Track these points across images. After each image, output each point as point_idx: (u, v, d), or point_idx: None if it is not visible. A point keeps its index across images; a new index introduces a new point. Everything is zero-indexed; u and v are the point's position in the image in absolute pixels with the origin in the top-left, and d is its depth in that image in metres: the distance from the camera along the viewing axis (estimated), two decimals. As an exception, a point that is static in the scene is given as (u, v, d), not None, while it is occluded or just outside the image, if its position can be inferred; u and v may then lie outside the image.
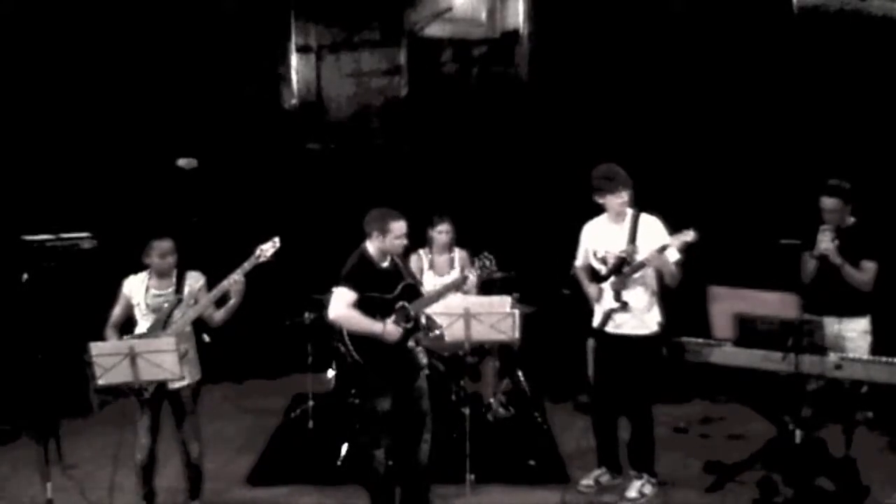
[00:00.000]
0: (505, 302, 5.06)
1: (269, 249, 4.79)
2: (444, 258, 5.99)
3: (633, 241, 4.91)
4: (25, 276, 5.01)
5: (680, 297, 4.92)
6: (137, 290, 4.76)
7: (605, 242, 5.04)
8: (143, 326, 4.73)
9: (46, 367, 5.16)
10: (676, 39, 7.06)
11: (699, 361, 4.92)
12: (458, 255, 6.02)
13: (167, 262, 4.72)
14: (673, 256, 4.79)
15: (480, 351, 5.88)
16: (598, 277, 5.09)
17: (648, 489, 5.10)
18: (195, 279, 4.82)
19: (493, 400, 6.17)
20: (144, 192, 7.17)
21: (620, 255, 4.92)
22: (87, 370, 4.39)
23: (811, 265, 5.02)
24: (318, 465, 5.63)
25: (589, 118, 7.16)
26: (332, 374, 6.02)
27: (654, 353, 4.99)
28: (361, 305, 4.51)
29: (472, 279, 4.95)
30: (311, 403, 6.23)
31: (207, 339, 5.06)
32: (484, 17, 7.69)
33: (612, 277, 4.96)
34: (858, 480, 4.92)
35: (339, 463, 5.57)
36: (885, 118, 6.58)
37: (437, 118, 7.69)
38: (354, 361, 4.57)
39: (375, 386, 4.63)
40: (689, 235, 4.74)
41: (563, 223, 5.45)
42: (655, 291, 4.99)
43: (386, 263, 4.68)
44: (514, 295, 5.39)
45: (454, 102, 7.71)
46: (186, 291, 4.75)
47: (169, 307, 4.71)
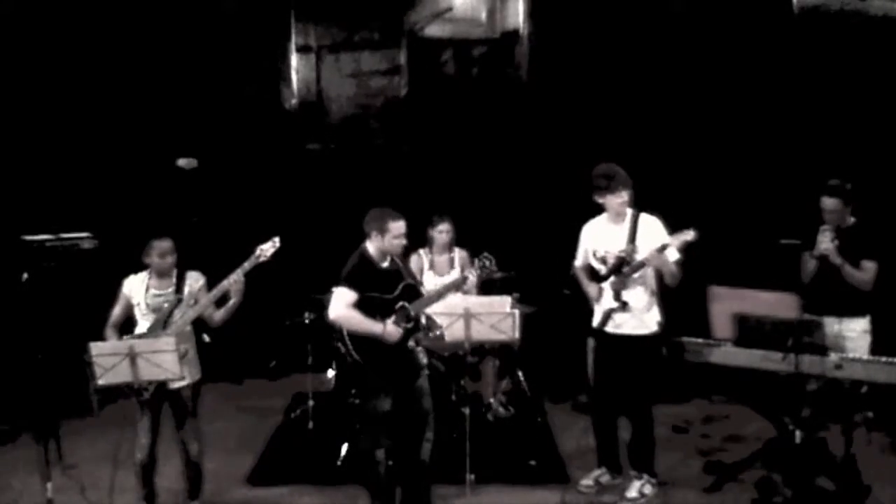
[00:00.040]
0: (505, 302, 5.06)
1: (268, 249, 4.79)
2: (444, 258, 6.00)
3: (632, 240, 4.90)
4: (25, 276, 5.01)
5: (680, 297, 4.92)
6: (137, 289, 4.76)
7: (604, 242, 5.03)
8: (143, 326, 4.73)
9: (46, 367, 5.16)
10: (676, 39, 7.06)
11: (699, 361, 4.91)
12: (458, 255, 6.02)
13: (167, 261, 4.72)
14: (673, 256, 4.79)
15: (480, 351, 5.89)
16: (597, 277, 5.09)
17: (648, 489, 5.10)
18: (195, 279, 4.82)
19: (493, 400, 6.17)
20: (144, 192, 7.18)
21: (620, 254, 4.92)
22: (87, 370, 4.38)
23: (811, 265, 5.02)
24: (318, 465, 5.63)
25: (589, 118, 7.16)
26: (332, 374, 6.03)
27: (653, 352, 4.99)
28: (362, 306, 4.51)
29: (472, 279, 4.95)
30: (311, 403, 6.23)
31: (207, 339, 5.06)
32: (484, 17, 7.69)
33: (611, 277, 4.96)
34: (858, 480, 4.92)
35: (339, 463, 5.57)
36: (885, 118, 6.58)
37: (437, 118, 7.69)
38: (355, 361, 4.57)
39: (376, 386, 4.63)
40: (689, 235, 4.74)
41: (563, 223, 5.44)
42: (655, 291, 4.99)
43: (386, 264, 4.68)
44: (514, 295, 5.40)
45: (454, 102, 7.70)
46: (186, 291, 4.75)
47: (169, 307, 4.71)
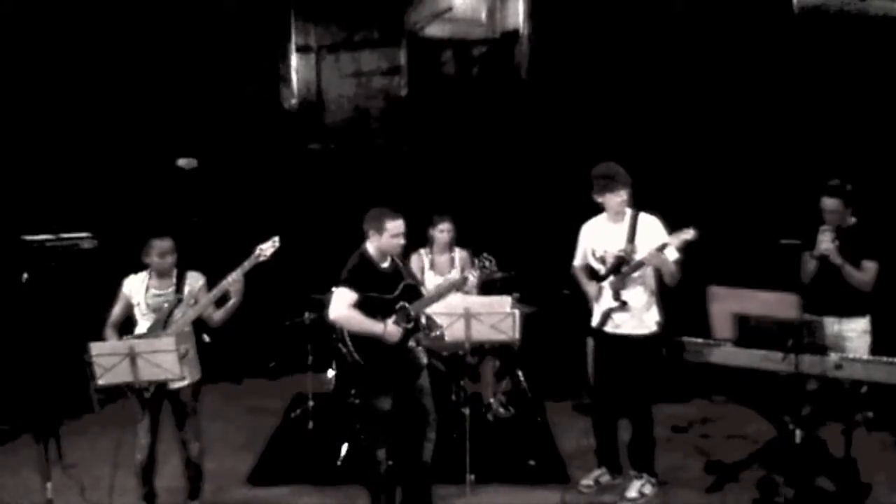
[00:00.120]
0: (505, 302, 5.06)
1: (268, 249, 4.78)
2: (444, 258, 5.99)
3: (631, 240, 4.90)
4: (25, 276, 5.01)
5: (680, 296, 4.92)
6: (137, 289, 4.76)
7: (603, 242, 5.03)
8: (143, 326, 4.73)
9: (46, 367, 5.16)
10: (676, 39, 7.06)
11: (699, 361, 4.90)
12: (458, 255, 6.01)
13: (167, 261, 4.72)
14: (672, 255, 4.79)
15: (480, 351, 5.89)
16: (596, 277, 5.09)
17: (648, 489, 5.10)
18: (195, 279, 4.82)
19: (493, 400, 6.17)
20: (144, 192, 7.18)
21: (619, 254, 4.92)
22: (87, 370, 4.39)
23: (811, 265, 5.02)
24: (318, 465, 5.63)
25: (589, 118, 7.16)
26: (332, 374, 6.02)
27: (653, 352, 4.99)
28: (362, 306, 4.51)
29: (472, 280, 4.94)
30: (311, 403, 6.24)
31: (207, 339, 5.06)
32: (484, 17, 7.69)
33: (610, 277, 4.96)
34: (858, 480, 4.92)
35: (339, 463, 5.57)
36: (885, 118, 6.58)
37: (437, 118, 7.69)
38: (355, 362, 4.57)
39: (376, 386, 4.63)
40: (688, 234, 4.74)
41: (563, 223, 5.44)
42: (654, 291, 4.99)
43: (386, 264, 4.68)
44: (514, 295, 5.40)
45: (454, 102, 7.70)
46: (186, 291, 4.75)
47: (169, 307, 4.71)
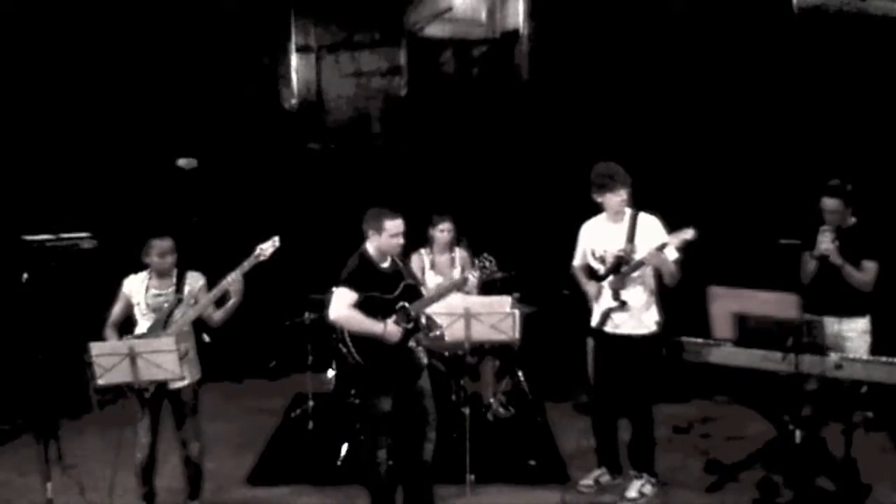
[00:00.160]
0: (505, 302, 5.06)
1: (268, 248, 4.78)
2: (445, 258, 5.98)
3: (631, 240, 4.90)
4: (25, 276, 5.01)
5: (679, 296, 4.91)
6: (137, 289, 4.76)
7: (603, 241, 5.03)
8: (143, 326, 4.73)
9: (46, 367, 5.16)
10: (676, 39, 7.05)
11: (699, 361, 4.91)
12: (458, 255, 6.01)
13: (167, 261, 4.72)
14: (672, 255, 4.79)
15: (480, 351, 5.88)
16: (596, 277, 5.09)
17: (648, 489, 5.10)
18: (195, 279, 4.82)
19: (493, 400, 6.17)
20: (144, 192, 7.18)
21: (619, 254, 4.92)
22: (87, 370, 4.39)
23: (811, 265, 5.02)
24: (318, 465, 5.63)
25: (589, 118, 7.16)
26: (332, 374, 6.02)
27: (652, 352, 4.98)
28: (362, 306, 4.51)
29: (472, 280, 4.94)
30: (311, 403, 6.24)
31: (207, 339, 5.06)
32: (484, 17, 7.69)
33: (610, 276, 4.96)
34: (858, 480, 4.92)
35: (339, 463, 5.57)
36: (885, 118, 6.57)
37: (437, 118, 7.69)
38: (356, 362, 4.56)
39: (376, 386, 4.62)
40: (688, 233, 4.73)
41: (563, 223, 5.44)
42: (654, 291, 4.99)
43: (386, 264, 4.68)
44: (514, 295, 5.39)
45: (454, 102, 7.70)
46: (186, 291, 4.75)
47: (169, 307, 4.71)
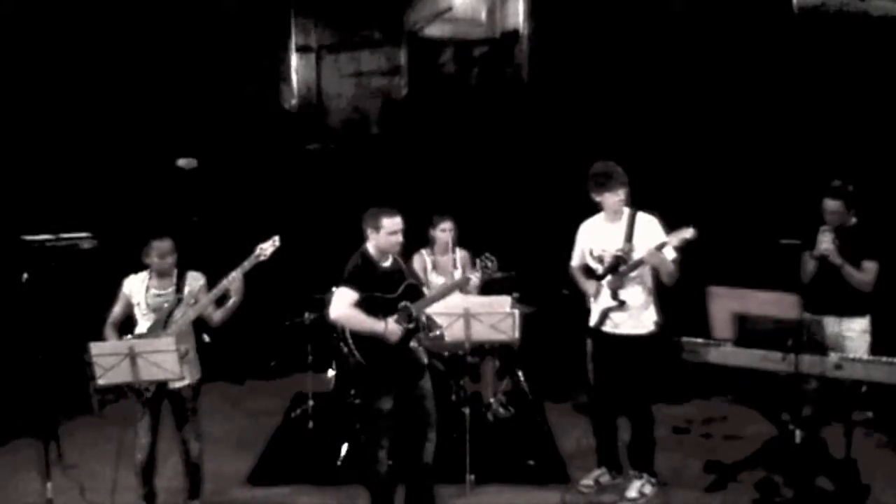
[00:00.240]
0: (505, 302, 5.06)
1: (268, 248, 4.78)
2: (446, 258, 5.93)
3: (629, 239, 4.90)
4: (25, 276, 5.02)
5: (679, 296, 4.91)
6: (138, 289, 4.76)
7: (601, 241, 5.03)
8: (143, 326, 4.73)
9: (46, 367, 5.16)
10: (676, 39, 7.06)
11: (699, 361, 4.91)
12: (458, 255, 6.00)
13: (167, 262, 4.72)
14: (670, 255, 4.78)
15: (480, 351, 5.88)
16: (594, 276, 5.08)
17: (648, 489, 5.10)
18: (195, 279, 4.82)
19: (493, 400, 6.17)
20: (144, 192, 7.18)
21: (617, 253, 4.92)
22: (87, 370, 4.39)
23: (811, 265, 5.03)
24: (318, 465, 5.63)
25: (589, 118, 7.16)
26: (332, 374, 6.02)
27: (651, 352, 4.98)
28: (364, 305, 4.50)
29: (474, 280, 4.93)
30: (311, 403, 6.23)
31: (207, 339, 5.07)
32: (484, 17, 7.69)
33: (608, 276, 4.96)
34: (858, 480, 4.92)
35: (339, 463, 5.57)
36: (885, 118, 6.58)
37: (437, 118, 7.69)
38: (357, 362, 4.56)
39: (377, 386, 4.62)
40: (688, 232, 4.72)
41: (562, 223, 5.44)
42: (652, 290, 4.98)
43: (387, 263, 4.67)
44: (514, 295, 5.40)
45: (454, 102, 7.70)
46: (186, 291, 4.75)
47: (169, 307, 4.71)
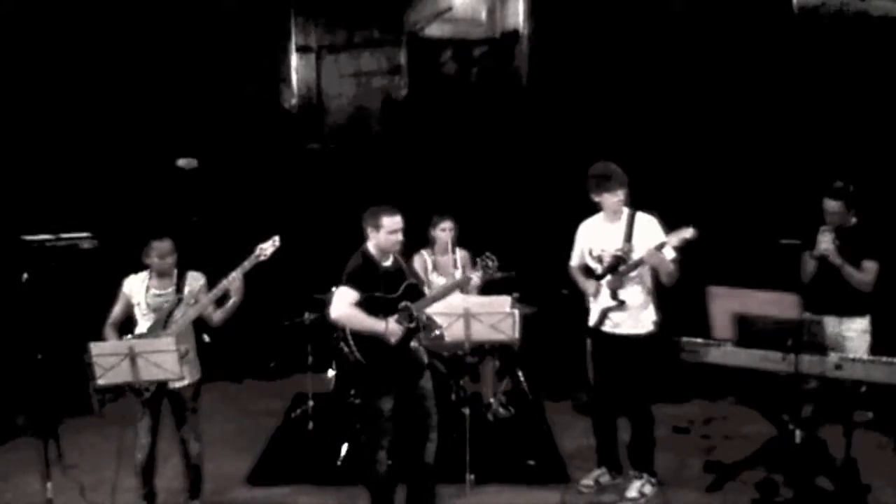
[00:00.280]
0: (505, 302, 5.06)
1: (268, 248, 4.78)
2: (447, 258, 5.93)
3: (628, 239, 4.90)
4: (25, 276, 5.02)
5: (679, 296, 4.91)
6: (138, 289, 4.76)
7: (600, 241, 5.03)
8: (143, 326, 4.73)
9: (46, 367, 5.16)
10: (676, 39, 7.05)
11: (699, 361, 4.91)
12: (459, 255, 5.99)
13: (167, 262, 4.72)
14: (669, 255, 4.78)
15: (480, 351, 5.88)
16: (594, 276, 5.08)
17: (648, 489, 5.10)
18: (195, 279, 4.82)
19: (493, 400, 6.17)
20: (144, 192, 7.18)
21: (616, 253, 4.92)
22: (87, 370, 4.39)
23: (811, 265, 5.03)
24: (318, 465, 5.63)
25: (589, 118, 7.15)
26: (332, 374, 6.02)
27: (651, 352, 4.98)
28: (365, 305, 4.50)
29: (475, 280, 4.93)
30: (311, 403, 6.24)
31: (207, 339, 5.06)
32: (484, 17, 7.69)
33: (607, 276, 4.96)
34: (858, 480, 4.92)
35: (339, 463, 5.57)
36: (885, 118, 6.58)
37: (437, 118, 7.69)
38: (357, 361, 4.56)
39: (378, 386, 4.62)
40: (687, 232, 4.72)
41: (562, 223, 5.44)
42: (651, 290, 4.98)
43: (388, 263, 4.66)
44: (514, 295, 5.39)
45: (454, 102, 7.70)
46: (186, 291, 4.75)
47: (169, 307, 4.71)
